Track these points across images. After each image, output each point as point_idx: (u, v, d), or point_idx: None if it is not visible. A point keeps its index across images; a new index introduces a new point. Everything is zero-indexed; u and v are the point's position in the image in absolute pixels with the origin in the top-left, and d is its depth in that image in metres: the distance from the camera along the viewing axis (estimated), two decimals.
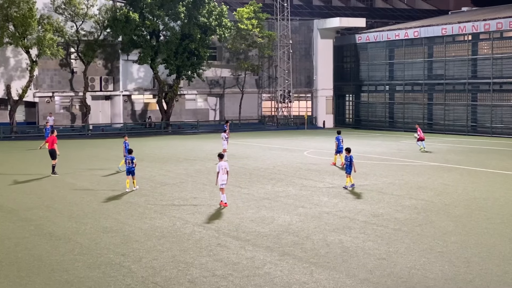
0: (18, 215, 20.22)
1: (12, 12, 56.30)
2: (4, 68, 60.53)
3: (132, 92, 67.22)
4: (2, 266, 14.20)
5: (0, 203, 22.34)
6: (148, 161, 35.31)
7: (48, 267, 14.15)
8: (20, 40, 56.81)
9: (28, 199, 23.21)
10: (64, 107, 65.56)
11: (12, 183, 27.54)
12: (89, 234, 17.38)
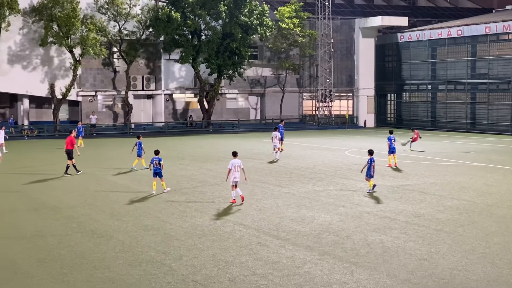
0: (61, 212, 20.51)
1: (56, 12, 57.17)
2: (48, 67, 61.47)
3: (174, 91, 67.65)
4: (46, 263, 14.42)
5: (43, 201, 22.71)
6: (189, 160, 35.51)
7: (90, 264, 14.32)
8: (63, 40, 57.66)
9: (71, 197, 23.54)
10: (107, 106, 66.30)
11: (55, 181, 27.96)
12: (131, 232, 17.54)
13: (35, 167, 32.36)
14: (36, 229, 17.93)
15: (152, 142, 48.77)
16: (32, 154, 40.24)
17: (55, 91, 60.74)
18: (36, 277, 13.37)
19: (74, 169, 29.79)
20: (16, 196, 24.00)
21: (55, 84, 61.11)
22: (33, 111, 63.33)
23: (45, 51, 60.62)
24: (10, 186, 26.60)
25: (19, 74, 60.12)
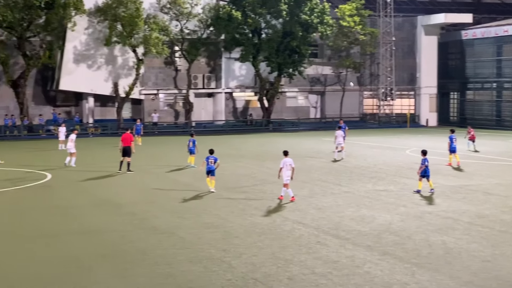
0: (123, 209, 20.86)
1: (120, 12, 58.14)
2: (112, 66, 62.60)
3: (234, 89, 67.99)
4: (109, 258, 14.69)
5: (106, 198, 23.14)
6: (248, 158, 35.65)
7: (152, 260, 14.52)
8: (127, 39, 58.61)
9: (133, 194, 23.91)
10: (168, 104, 67.13)
11: (117, 178, 28.46)
12: (191, 229, 17.70)
13: (98, 164, 32.99)
14: (99, 225, 18.29)
15: (212, 140, 49.10)
16: (95, 151, 41.07)
17: (118, 89, 61.80)
18: (98, 272, 13.63)
19: (120, 166, 30.05)
20: (80, 192, 24.53)
21: (118, 83, 62.17)
22: (98, 109, 64.59)
23: (109, 50, 61.74)
24: (75, 182, 27.20)
25: (84, 73, 61.41)
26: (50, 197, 23.46)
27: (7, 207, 21.44)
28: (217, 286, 12.71)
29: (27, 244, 16.06)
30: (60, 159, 34.69)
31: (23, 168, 31.89)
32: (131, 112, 66.21)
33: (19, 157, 38.51)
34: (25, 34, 57.25)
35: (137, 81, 61.54)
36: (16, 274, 13.47)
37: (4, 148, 43.65)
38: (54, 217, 19.46)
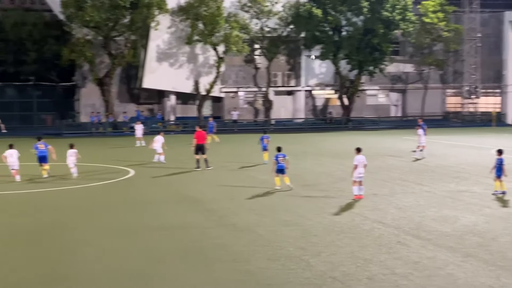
0: (203, 205, 21.09)
1: (202, 11, 58.87)
2: (193, 64, 63.47)
3: (314, 87, 67.78)
4: (189, 254, 14.87)
5: (187, 194, 23.46)
6: (328, 156, 35.46)
7: (231, 256, 14.61)
8: (208, 38, 59.30)
9: (212, 191, 24.14)
10: (248, 102, 67.52)
11: (197, 174, 28.81)
12: (270, 226, 17.72)
13: (178, 161, 33.46)
14: (179, 221, 18.55)
15: (291, 138, 49.11)
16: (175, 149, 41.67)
17: (199, 87, 62.61)
18: (179, 267, 13.83)
19: (197, 164, 30.22)
20: (162, 188, 24.98)
21: (199, 81, 63.00)
22: (179, 107, 65.65)
23: (190, 49, 62.66)
24: (156, 178, 27.71)
25: (167, 72, 62.52)
26: (132, 192, 23.98)
27: (91, 201, 22.05)
28: (295, 284, 12.67)
29: (110, 238, 16.46)
30: (142, 155, 35.50)
31: (107, 164, 32.75)
32: (211, 109, 66.93)
33: (104, 153, 39.59)
34: (110, 33, 58.77)
35: (217, 79, 62.18)
36: (98, 267, 13.82)
37: (90, 144, 44.92)
38: (137, 212, 19.87)
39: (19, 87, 69.68)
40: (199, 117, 61.78)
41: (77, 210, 20.38)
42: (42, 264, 14.06)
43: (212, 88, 61.99)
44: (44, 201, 22.03)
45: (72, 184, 26.03)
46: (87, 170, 30.39)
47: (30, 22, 65.05)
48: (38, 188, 25.04)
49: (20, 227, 17.83)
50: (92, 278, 13.04)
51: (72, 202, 21.89)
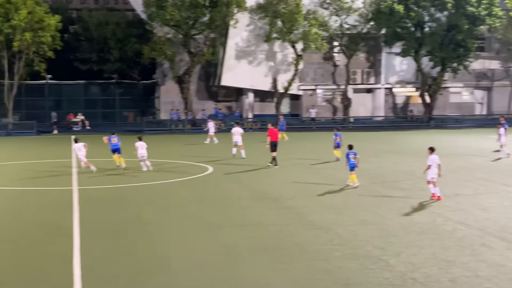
0: (281, 203, 20.96)
1: (281, 8, 58.85)
2: (272, 62, 63.54)
3: (394, 85, 66.73)
4: (266, 251, 14.77)
5: (264, 191, 23.39)
6: (408, 155, 34.76)
7: (309, 254, 14.43)
8: (287, 35, 59.24)
9: (289, 188, 23.98)
10: (326, 100, 67.10)
11: (274, 172, 28.70)
12: (348, 225, 17.43)
13: (256, 158, 33.46)
14: (257, 218, 18.49)
15: (370, 137, 48.45)
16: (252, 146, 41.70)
17: (277, 85, 62.62)
18: (257, 264, 13.74)
19: (273, 161, 30.27)
20: (240, 185, 25.01)
21: (277, 78, 63.01)
22: (257, 104, 65.88)
23: (269, 46, 62.74)
24: (234, 175, 27.79)
25: (245, 69, 62.83)
26: (211, 189, 24.10)
27: (172, 197, 22.28)
28: (375, 284, 12.38)
29: (190, 234, 16.54)
30: (220, 152, 35.69)
31: (186, 161, 33.11)
32: (289, 107, 66.89)
33: (183, 150, 40.07)
34: (190, 32, 59.53)
35: (295, 77, 62.07)
36: (178, 263, 13.89)
37: (169, 141, 45.57)
38: (215, 209, 19.93)
39: (102, 85, 71.60)
40: (277, 114, 61.79)
41: (158, 205, 20.62)
42: (128, 257, 14.24)
43: (290, 85, 61.89)
44: (127, 196, 22.40)
45: (153, 180, 26.39)
46: (167, 167, 30.81)
47: (113, 22, 66.68)
48: (121, 183, 25.52)
49: (106, 220, 18.16)
50: (175, 273, 13.09)
51: (153, 197, 22.18)
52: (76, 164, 30.37)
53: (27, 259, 14.15)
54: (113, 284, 12.42)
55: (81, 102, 69.96)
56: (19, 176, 28.04)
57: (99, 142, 31.83)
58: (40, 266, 13.57)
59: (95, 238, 16.00)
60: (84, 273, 12.95)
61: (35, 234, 16.54)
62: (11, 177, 27.73)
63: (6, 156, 36.43)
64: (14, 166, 30.70)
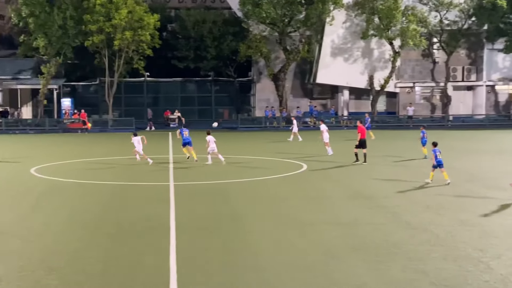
0: (376, 202, 20.62)
1: (378, 4, 58.08)
2: (368, 59, 62.79)
3: (496, 82, 64.53)
4: (360, 250, 14.54)
5: (359, 190, 23.07)
6: (510, 155, 33.55)
7: (404, 255, 14.10)
8: (384, 32, 58.39)
9: (384, 187, 23.57)
10: (424, 98, 65.68)
11: (368, 170, 28.29)
12: (446, 226, 16.93)
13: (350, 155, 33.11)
14: (352, 217, 18.25)
15: (471, 135, 47.09)
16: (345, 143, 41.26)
17: (373, 82, 61.85)
18: (350, 263, 13.56)
19: (356, 157, 30.37)
20: (334, 183, 24.80)
21: (373, 76, 62.22)
22: (352, 102, 65.30)
23: (365, 43, 62.02)
24: (328, 173, 27.59)
25: (340, 67, 62.38)
26: (306, 186, 24.01)
27: (267, 194, 22.33)
28: (474, 286, 11.96)
29: (285, 231, 16.51)
30: (315, 150, 35.55)
31: (281, 158, 33.16)
32: (385, 105, 65.94)
33: (277, 147, 40.18)
34: (286, 29, 59.65)
35: (392, 74, 61.13)
36: (272, 259, 13.87)
37: (263, 138, 45.80)
38: (310, 206, 19.83)
39: (198, 82, 72.79)
40: (372, 112, 61.02)
41: (253, 202, 20.72)
42: (223, 252, 14.36)
43: (387, 83, 60.97)
44: (222, 192, 22.63)
45: (248, 176, 26.58)
46: (262, 164, 30.96)
47: (210, 20, 67.66)
48: (216, 179, 25.82)
49: (201, 215, 18.40)
50: (268, 270, 13.09)
51: (248, 194, 22.31)
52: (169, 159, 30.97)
53: (126, 251, 14.51)
54: (207, 277, 12.54)
55: (178, 99, 71.37)
56: (118, 171, 28.88)
57: (198, 139, 32.40)
58: (138, 258, 13.88)
59: (190, 233, 16.23)
60: (180, 266, 13.15)
61: (133, 227, 16.95)
62: (112, 172, 28.61)
63: (106, 152, 37.64)
64: (114, 161, 31.63)
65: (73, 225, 17.26)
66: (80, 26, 58.72)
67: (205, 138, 30.42)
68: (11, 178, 26.53)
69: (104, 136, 52.68)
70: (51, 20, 58.13)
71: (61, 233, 16.28)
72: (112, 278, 12.57)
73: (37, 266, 13.24)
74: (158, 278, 12.44)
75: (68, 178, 26.21)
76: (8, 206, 20.04)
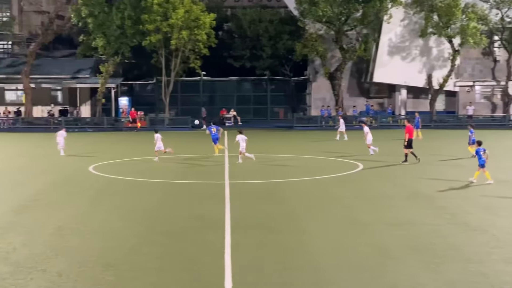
0: (434, 202, 20.26)
1: (437, 2, 57.20)
2: (426, 57, 61.88)
3: None
4: (418, 251, 14.30)
5: (417, 190, 22.71)
6: None
7: (463, 256, 13.79)
8: (443, 30, 57.45)
9: (441, 187, 23.12)
10: (485, 97, 64.34)
11: (422, 170, 27.81)
12: (506, 227, 16.50)
13: (400, 155, 32.65)
14: (409, 217, 17.96)
15: None
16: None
17: (432, 81, 60.92)
18: (407, 264, 13.33)
19: (405, 158, 30.11)
20: (390, 183, 24.46)
21: (432, 75, 61.29)
22: (410, 101, 64.47)
23: (424, 41, 61.13)
24: (384, 172, 27.24)
25: (398, 65, 61.64)
26: (362, 186, 23.76)
27: (322, 194, 22.18)
28: None
29: (340, 231, 16.34)
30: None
31: (336, 157, 32.92)
32: (444, 104, 64.85)
33: (333, 146, 39.92)
34: (342, 28, 59.26)
35: (452, 73, 60.08)
36: (327, 259, 13.75)
37: (318, 137, 45.57)
38: (366, 206, 19.60)
39: (254, 81, 72.94)
40: (431, 111, 60.11)
41: (308, 201, 20.60)
42: (278, 252, 14.31)
43: (446, 82, 59.94)
44: (277, 191, 22.59)
45: (303, 175, 26.47)
46: (317, 163, 30.83)
47: (266, 19, 67.75)
48: (271, 178, 25.80)
49: (256, 214, 18.39)
50: (324, 270, 12.98)
51: (303, 193, 22.20)
52: (227, 159, 31.07)
53: (182, 249, 14.59)
54: (262, 276, 12.50)
55: (233, 98, 71.66)
56: (174, 169, 29.15)
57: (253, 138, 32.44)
58: (193, 256, 13.93)
59: (245, 231, 16.21)
60: (234, 265, 13.14)
61: (189, 225, 17.04)
62: (168, 170, 28.89)
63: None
64: (169, 159, 31.91)
65: (130, 222, 17.47)
66: (137, 26, 59.48)
67: (259, 138, 30.46)
68: (70, 176, 27.05)
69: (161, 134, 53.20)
70: (110, 20, 59.07)
71: (118, 229, 16.49)
72: (168, 275, 12.65)
73: (95, 262, 13.43)
74: (213, 277, 12.46)
75: (125, 176, 26.57)
76: (67, 203, 20.42)
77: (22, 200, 20.82)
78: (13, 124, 61.78)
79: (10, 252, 14.24)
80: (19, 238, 15.55)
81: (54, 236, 15.81)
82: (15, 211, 19.04)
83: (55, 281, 12.18)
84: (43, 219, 17.74)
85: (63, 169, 29.24)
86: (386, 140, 40.41)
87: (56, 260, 13.57)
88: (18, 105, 66.32)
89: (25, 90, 63.39)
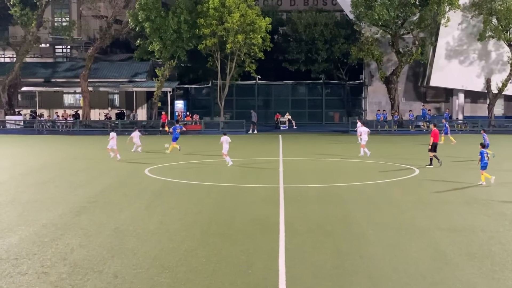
0: (493, 208, 19.85)
1: (496, 5, 56.11)
2: (485, 61, 60.74)
3: None
4: (475, 258, 14.02)
5: (475, 195, 22.27)
6: None
7: None
8: (502, 33, 56.30)
9: (500, 192, 22.63)
10: None
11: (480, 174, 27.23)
12: None
13: (464, 160, 32.04)
14: (467, 223, 17.62)
15: None
16: (462, 148, 40.07)
17: (490, 85, 59.74)
18: (465, 271, 13.08)
19: (431, 161, 30.28)
20: (448, 188, 24.03)
21: (491, 79, 60.11)
22: (468, 105, 63.38)
23: (482, 45, 60.00)
24: (441, 177, 26.77)
25: (456, 69, 60.66)
26: (419, 191, 23.44)
27: (378, 198, 21.95)
28: None
29: (396, 237, 16.14)
30: (425, 154, 34.68)
31: (392, 162, 32.55)
32: (503, 108, 63.51)
33: (389, 151, 39.52)
34: (399, 31, 58.62)
35: (511, 77, 58.73)
36: (384, 264, 13.58)
37: (375, 142, 45.10)
38: (423, 212, 19.31)
39: (309, 85, 72.79)
40: (489, 116, 58.92)
41: (364, 205, 20.41)
42: (334, 256, 14.21)
43: (505, 86, 58.65)
44: (332, 195, 22.47)
45: (359, 180, 26.25)
46: (374, 168, 30.53)
47: (321, 23, 67.54)
48: (326, 182, 25.68)
49: (311, 218, 18.31)
50: (380, 275, 12.83)
51: (359, 197, 22.01)
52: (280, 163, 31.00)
53: (237, 252, 14.61)
54: (317, 281, 12.43)
55: (288, 102, 71.63)
56: (228, 172, 29.24)
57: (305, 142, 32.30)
58: (248, 259, 13.94)
59: (300, 235, 16.15)
60: (289, 268, 13.10)
61: (244, 228, 17.07)
62: (222, 173, 29.00)
63: (216, 153, 38.19)
64: (224, 162, 32.00)
65: (185, 224, 17.59)
66: (193, 30, 60.01)
67: (314, 141, 30.29)
68: (126, 178, 27.41)
69: (216, 138, 53.55)
70: (166, 24, 59.75)
71: (174, 232, 16.61)
72: (223, 278, 12.68)
73: (151, 264, 13.56)
74: (268, 280, 12.43)
75: (180, 179, 26.78)
76: (124, 205, 20.68)
77: (80, 202, 21.19)
78: (71, 127, 63.03)
79: (68, 253, 14.51)
80: (77, 239, 15.83)
81: (111, 237, 16.04)
82: (73, 212, 19.40)
83: (111, 282, 12.35)
84: (100, 221, 18.02)
85: (120, 171, 29.66)
86: (443, 145, 39.75)
87: (113, 262, 13.77)
88: (76, 108, 67.70)
89: (83, 94, 64.65)
